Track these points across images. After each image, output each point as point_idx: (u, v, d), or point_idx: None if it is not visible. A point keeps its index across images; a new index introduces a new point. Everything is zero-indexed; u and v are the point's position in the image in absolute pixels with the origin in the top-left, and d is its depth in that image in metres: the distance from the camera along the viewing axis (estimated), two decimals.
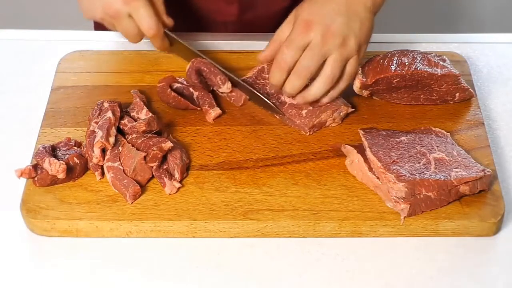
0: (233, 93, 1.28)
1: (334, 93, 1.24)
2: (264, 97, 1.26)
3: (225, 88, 1.27)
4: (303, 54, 1.20)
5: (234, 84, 1.28)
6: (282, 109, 1.26)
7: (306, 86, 1.22)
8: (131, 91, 1.27)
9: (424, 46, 1.39)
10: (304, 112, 1.24)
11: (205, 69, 1.28)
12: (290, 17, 1.25)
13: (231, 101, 1.29)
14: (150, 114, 1.22)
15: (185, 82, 1.28)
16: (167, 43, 1.32)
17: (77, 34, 1.45)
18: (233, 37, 1.43)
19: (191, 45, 1.33)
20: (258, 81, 1.30)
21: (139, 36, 1.29)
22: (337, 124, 1.25)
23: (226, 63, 1.33)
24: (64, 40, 1.43)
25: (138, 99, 1.25)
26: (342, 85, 1.24)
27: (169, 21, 1.31)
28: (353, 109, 1.26)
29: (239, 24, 1.50)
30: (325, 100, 1.24)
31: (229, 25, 1.50)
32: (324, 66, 1.21)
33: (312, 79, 1.22)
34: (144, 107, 1.23)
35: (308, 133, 1.24)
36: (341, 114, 1.25)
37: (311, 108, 1.24)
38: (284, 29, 1.25)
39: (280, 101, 1.27)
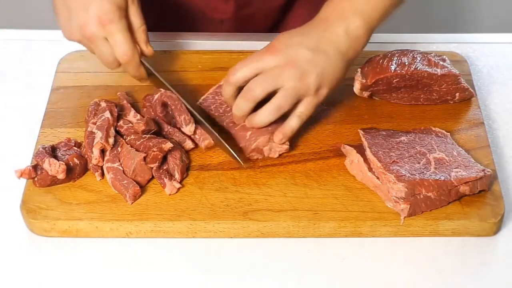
0: (196, 135, 1.21)
1: (286, 131, 1.18)
2: (228, 145, 1.18)
3: (187, 129, 1.20)
4: (256, 77, 1.16)
5: (200, 124, 1.21)
6: (233, 131, 1.21)
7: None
8: (118, 93, 1.27)
9: (424, 46, 1.39)
10: (248, 134, 1.20)
11: (171, 104, 1.21)
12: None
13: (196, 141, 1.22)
14: (138, 115, 1.22)
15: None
16: (143, 73, 1.25)
17: None
18: (232, 36, 1.43)
19: (182, 48, 1.28)
20: (216, 98, 1.25)
21: (116, 62, 1.21)
22: (275, 155, 1.20)
23: (226, 64, 1.33)
24: (64, 40, 1.42)
25: (125, 101, 1.25)
26: (293, 123, 1.17)
27: (148, 50, 1.24)
28: (288, 146, 1.19)
29: (235, 21, 1.49)
30: (278, 138, 1.18)
31: (225, 22, 1.50)
32: (275, 95, 1.16)
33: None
34: (132, 109, 1.23)
35: (252, 158, 1.19)
36: (278, 149, 1.19)
37: (254, 131, 1.19)
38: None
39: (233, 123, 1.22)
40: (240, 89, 1.18)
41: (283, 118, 1.18)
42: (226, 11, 1.48)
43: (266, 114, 1.17)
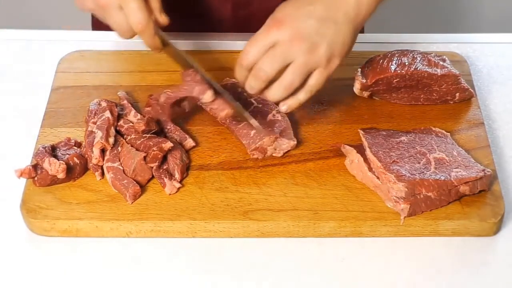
0: (215, 105, 1.19)
1: (292, 104, 1.17)
2: (246, 113, 1.18)
3: (206, 96, 1.18)
4: (264, 56, 1.13)
5: (219, 94, 1.19)
6: (236, 128, 1.21)
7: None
8: (118, 92, 1.27)
9: (424, 46, 1.39)
10: (252, 132, 1.20)
11: (189, 79, 1.20)
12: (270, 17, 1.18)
13: (213, 115, 1.22)
14: (139, 115, 1.22)
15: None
16: (158, 42, 1.20)
17: (77, 34, 1.45)
18: (232, 36, 1.43)
19: (181, 48, 1.24)
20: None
21: (130, 31, 1.18)
22: (278, 155, 1.20)
23: (225, 64, 1.33)
24: (64, 40, 1.43)
25: (125, 101, 1.25)
26: (302, 96, 1.16)
27: (163, 19, 1.21)
28: (295, 142, 1.19)
29: (234, 21, 1.49)
30: (283, 109, 1.17)
31: (224, 22, 1.50)
32: (286, 70, 1.13)
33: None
34: (132, 108, 1.23)
35: (252, 156, 1.19)
36: (283, 146, 1.20)
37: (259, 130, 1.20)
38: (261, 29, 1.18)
39: (238, 119, 1.22)
40: None
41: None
42: (225, 12, 1.48)
43: (278, 92, 1.15)
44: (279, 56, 1.12)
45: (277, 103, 1.20)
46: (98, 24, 1.44)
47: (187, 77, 1.20)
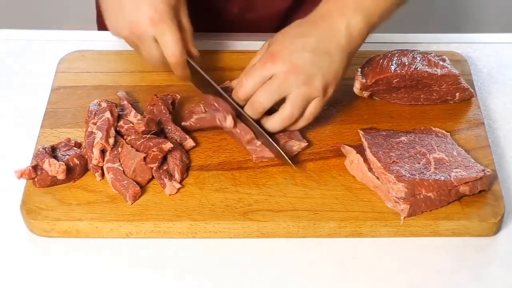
0: (237, 130, 1.19)
1: (291, 128, 1.20)
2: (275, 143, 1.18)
3: (228, 122, 1.19)
4: (261, 87, 1.16)
5: (240, 118, 1.20)
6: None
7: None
8: (118, 92, 1.27)
9: (424, 46, 1.39)
10: (258, 143, 1.20)
11: (217, 105, 1.20)
12: (264, 46, 1.22)
13: (236, 139, 1.22)
14: (139, 115, 1.22)
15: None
16: (188, 73, 1.24)
17: (77, 34, 1.45)
18: (233, 36, 1.43)
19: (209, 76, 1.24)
20: None
21: (162, 62, 1.21)
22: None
23: (226, 64, 1.33)
24: (64, 40, 1.43)
25: (125, 101, 1.25)
26: (301, 123, 1.19)
27: (195, 51, 1.24)
28: (306, 144, 1.21)
29: (239, 25, 1.49)
30: (273, 126, 1.19)
31: (229, 26, 1.50)
32: (285, 103, 1.17)
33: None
34: (132, 109, 1.23)
35: (255, 161, 1.19)
36: (294, 148, 1.20)
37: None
38: (254, 59, 1.21)
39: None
40: None
41: None
42: (230, 15, 1.48)
43: (278, 123, 1.18)
44: (276, 89, 1.15)
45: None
46: (104, 25, 1.44)
47: (208, 103, 1.22)
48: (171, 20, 1.18)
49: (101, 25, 1.57)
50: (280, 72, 1.15)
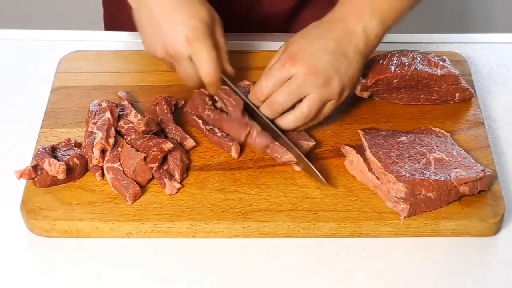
0: (268, 150, 1.18)
1: (301, 128, 1.21)
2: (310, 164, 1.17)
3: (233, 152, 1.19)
4: (281, 88, 1.17)
5: (277, 139, 1.19)
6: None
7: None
8: (118, 92, 1.27)
9: (424, 46, 1.39)
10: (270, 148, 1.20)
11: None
12: (281, 48, 1.22)
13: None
14: (139, 115, 1.22)
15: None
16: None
17: (77, 34, 1.45)
18: (237, 36, 1.43)
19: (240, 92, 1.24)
20: None
21: (198, 81, 1.20)
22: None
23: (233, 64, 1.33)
24: (64, 40, 1.43)
25: (125, 101, 1.25)
26: (311, 123, 1.20)
27: (230, 70, 1.23)
28: (314, 143, 1.20)
29: (243, 24, 1.48)
30: (286, 124, 1.20)
31: (233, 25, 1.49)
32: (301, 102, 1.17)
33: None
34: (132, 109, 1.23)
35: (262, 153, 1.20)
36: (303, 148, 1.19)
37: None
38: (272, 60, 1.21)
39: None
40: None
41: None
42: (236, 13, 1.47)
43: (293, 121, 1.19)
44: (295, 90, 1.16)
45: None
46: (111, 25, 1.45)
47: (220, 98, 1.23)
48: (207, 39, 1.17)
49: (108, 25, 1.57)
50: (300, 73, 1.16)
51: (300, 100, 1.18)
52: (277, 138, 1.19)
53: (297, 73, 1.16)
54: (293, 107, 1.19)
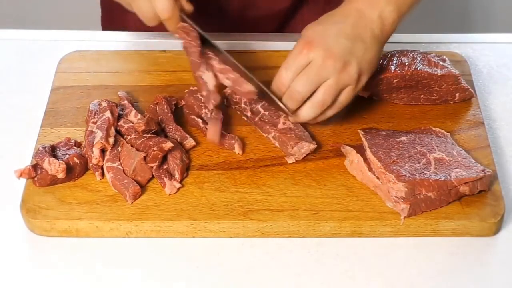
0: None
1: (319, 118, 1.19)
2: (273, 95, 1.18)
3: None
4: (298, 77, 1.15)
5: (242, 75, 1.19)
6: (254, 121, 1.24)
7: None
8: (118, 92, 1.27)
9: (424, 46, 1.39)
10: (271, 136, 1.22)
11: (213, 63, 1.20)
12: (301, 37, 1.19)
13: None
14: (139, 115, 1.22)
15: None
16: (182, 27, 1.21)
17: (77, 34, 1.45)
18: (236, 36, 1.43)
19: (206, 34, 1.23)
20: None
21: (156, 18, 1.17)
22: (299, 158, 1.19)
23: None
24: (64, 40, 1.43)
25: (125, 101, 1.25)
26: (330, 113, 1.19)
27: (188, 6, 1.20)
28: (315, 146, 1.20)
29: (240, 24, 1.49)
30: (291, 120, 1.20)
31: (230, 24, 1.50)
32: (317, 90, 1.16)
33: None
34: (132, 108, 1.23)
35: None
36: (303, 150, 1.20)
37: (277, 134, 1.21)
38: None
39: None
40: None
41: None
42: (231, 13, 1.47)
43: (310, 111, 1.17)
44: (314, 76, 1.14)
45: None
46: (108, 25, 1.44)
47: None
48: None
49: (106, 25, 1.57)
50: (318, 57, 1.14)
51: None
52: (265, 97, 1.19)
53: (315, 58, 1.14)
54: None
